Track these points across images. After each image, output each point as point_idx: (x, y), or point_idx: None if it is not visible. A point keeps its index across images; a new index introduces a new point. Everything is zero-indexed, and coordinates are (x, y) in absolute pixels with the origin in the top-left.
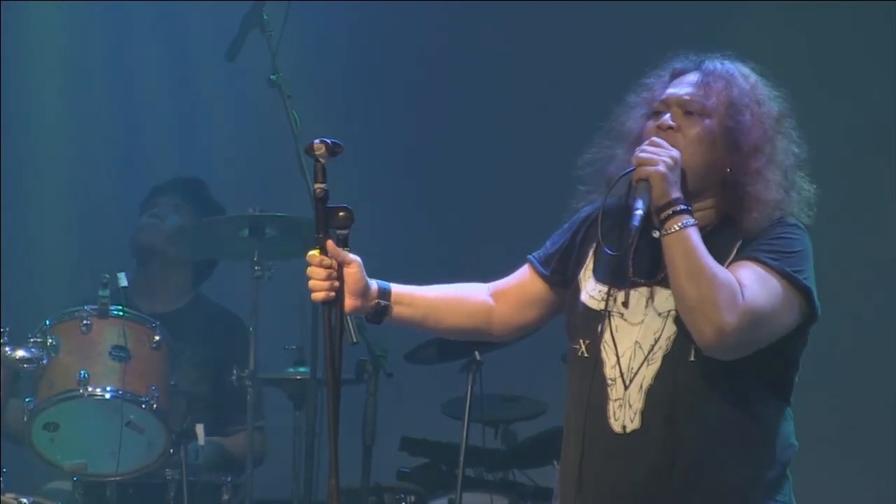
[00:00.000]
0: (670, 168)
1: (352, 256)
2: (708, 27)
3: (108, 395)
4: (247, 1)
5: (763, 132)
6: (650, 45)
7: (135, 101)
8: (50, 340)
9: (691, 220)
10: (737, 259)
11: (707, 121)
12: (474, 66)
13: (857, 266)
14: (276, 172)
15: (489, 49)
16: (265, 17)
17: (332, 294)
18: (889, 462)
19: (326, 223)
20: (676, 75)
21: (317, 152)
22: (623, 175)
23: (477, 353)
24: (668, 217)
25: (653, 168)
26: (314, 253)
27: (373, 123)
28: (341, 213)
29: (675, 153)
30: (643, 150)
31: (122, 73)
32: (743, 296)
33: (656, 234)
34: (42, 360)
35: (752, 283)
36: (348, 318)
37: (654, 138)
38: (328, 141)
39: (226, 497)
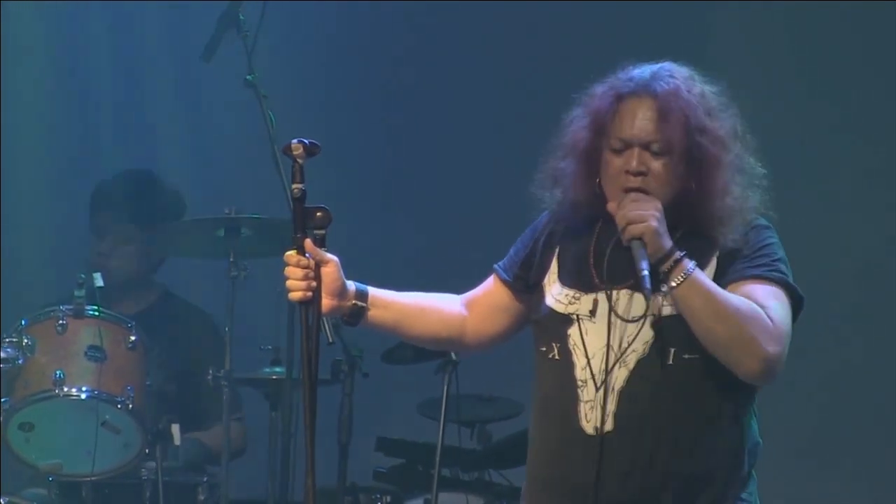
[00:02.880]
0: (659, 218)
1: (329, 256)
2: (694, 28)
3: (83, 396)
4: (223, 0)
5: (721, 145)
6: (637, 47)
7: (110, 100)
8: (25, 340)
9: (691, 264)
10: (729, 278)
11: (668, 158)
12: (453, 65)
13: (837, 266)
14: (252, 173)
15: (469, 48)
16: (241, 17)
17: (309, 294)
18: (872, 463)
19: (304, 223)
20: (623, 98)
21: (294, 152)
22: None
23: (453, 353)
24: (671, 268)
25: (644, 225)
26: (291, 253)
27: (350, 123)
28: (319, 213)
29: (659, 204)
30: (629, 209)
31: (98, 72)
32: (772, 320)
33: (664, 288)
34: (17, 360)
35: (771, 303)
36: (324, 318)
37: (633, 193)
38: (306, 141)
39: (202, 497)
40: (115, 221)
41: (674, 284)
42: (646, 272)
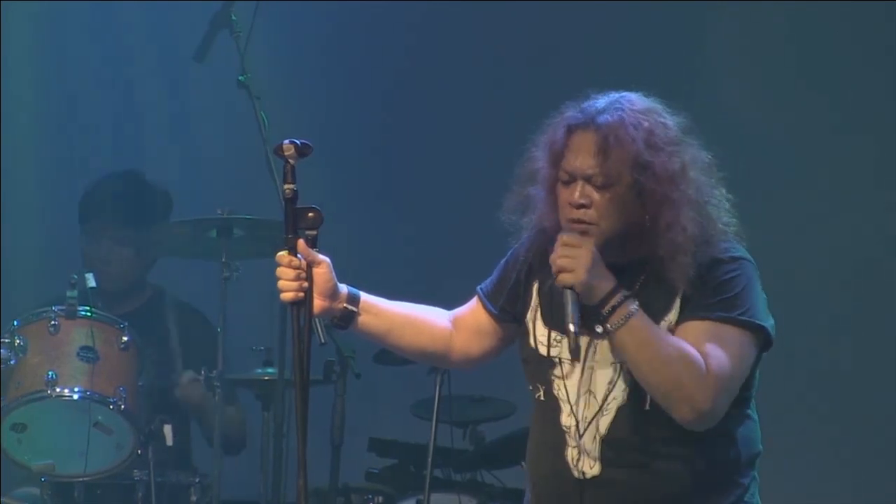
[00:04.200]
0: (589, 267)
1: (321, 257)
2: (691, 28)
3: (75, 396)
4: (216, 1)
5: (666, 181)
6: (635, 47)
7: (102, 102)
8: (18, 341)
9: (634, 307)
10: (683, 316)
11: (611, 192)
12: (447, 65)
13: (835, 266)
14: (245, 173)
15: (464, 48)
16: (234, 17)
17: (301, 294)
18: (863, 463)
19: (295, 224)
20: (572, 131)
21: (286, 153)
22: (550, 283)
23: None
24: (610, 312)
25: (573, 276)
26: (283, 253)
27: (342, 124)
28: (310, 214)
29: (590, 247)
30: (559, 257)
31: (92, 72)
32: (708, 368)
33: (599, 330)
34: (10, 360)
35: (711, 348)
36: (317, 318)
37: (565, 237)
38: (297, 142)
39: (194, 498)
40: (111, 225)
41: (610, 328)
42: (572, 326)
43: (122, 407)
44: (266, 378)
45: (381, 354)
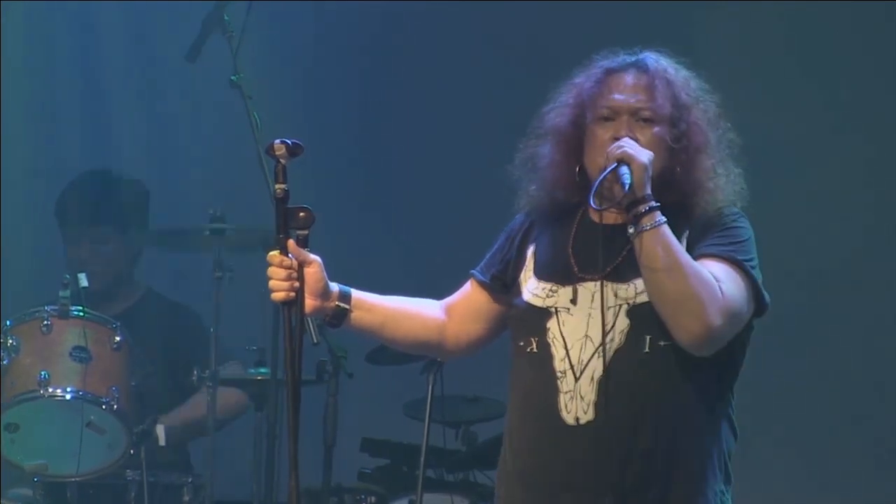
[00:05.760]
0: (650, 160)
1: (312, 256)
2: (691, 28)
3: (68, 396)
4: (209, 1)
5: (707, 128)
6: (631, 47)
7: (98, 102)
8: (10, 341)
9: (663, 218)
10: (693, 253)
11: (657, 128)
12: (438, 66)
13: (834, 265)
14: (238, 173)
15: (455, 50)
16: (226, 17)
17: (292, 294)
18: (850, 463)
19: (287, 223)
20: (612, 71)
21: (277, 153)
22: (606, 173)
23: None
24: (643, 213)
25: (634, 155)
26: (275, 253)
27: (335, 124)
28: (302, 214)
29: (650, 153)
30: (625, 142)
31: (87, 72)
32: (722, 293)
33: (631, 230)
34: (2, 360)
35: (725, 278)
36: (309, 318)
37: (627, 138)
38: (289, 141)
39: (186, 498)
40: (89, 225)
41: (642, 229)
42: (626, 174)
43: (115, 407)
44: (258, 378)
45: (374, 354)
